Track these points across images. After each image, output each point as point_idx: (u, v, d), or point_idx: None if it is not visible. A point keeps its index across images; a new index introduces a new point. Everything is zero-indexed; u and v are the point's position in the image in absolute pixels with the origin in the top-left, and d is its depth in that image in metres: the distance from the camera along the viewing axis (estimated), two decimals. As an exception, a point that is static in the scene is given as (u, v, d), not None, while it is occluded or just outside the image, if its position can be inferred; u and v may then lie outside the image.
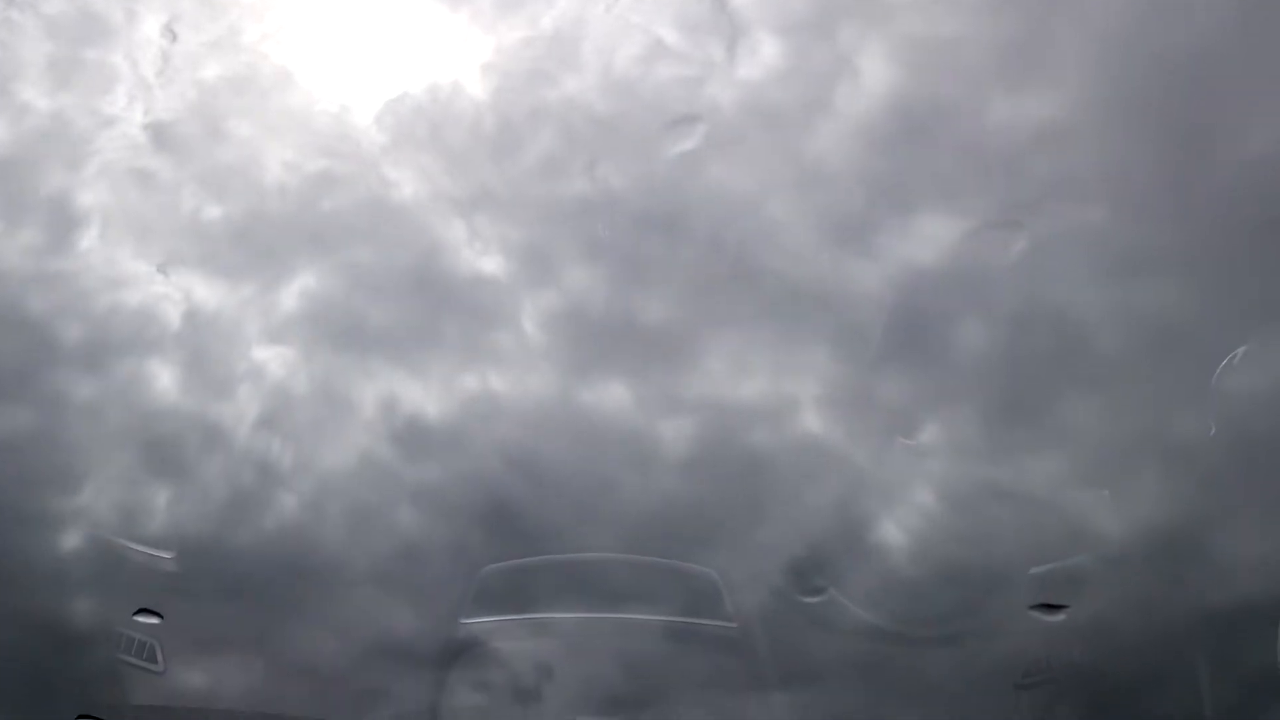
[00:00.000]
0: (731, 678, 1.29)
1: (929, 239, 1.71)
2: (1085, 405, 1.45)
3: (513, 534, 1.75)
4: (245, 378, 1.72)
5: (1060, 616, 1.16)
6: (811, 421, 1.78)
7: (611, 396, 1.89)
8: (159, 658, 1.35)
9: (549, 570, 1.50)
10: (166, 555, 1.46)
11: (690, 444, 1.88)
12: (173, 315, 1.79)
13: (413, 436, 1.78)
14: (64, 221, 1.79)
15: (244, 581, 1.55)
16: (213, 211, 1.87)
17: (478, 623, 1.33)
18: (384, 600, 1.71)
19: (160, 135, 1.89)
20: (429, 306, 1.87)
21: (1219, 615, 1.14)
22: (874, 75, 1.77)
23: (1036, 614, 1.16)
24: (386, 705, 1.33)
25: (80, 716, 1.10)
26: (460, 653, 1.49)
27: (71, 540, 1.57)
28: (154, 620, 1.28)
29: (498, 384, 1.85)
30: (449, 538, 1.81)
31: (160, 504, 1.68)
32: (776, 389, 1.83)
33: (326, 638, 1.55)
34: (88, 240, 1.77)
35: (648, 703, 1.32)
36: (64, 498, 1.61)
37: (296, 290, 1.82)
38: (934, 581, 1.35)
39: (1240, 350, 1.22)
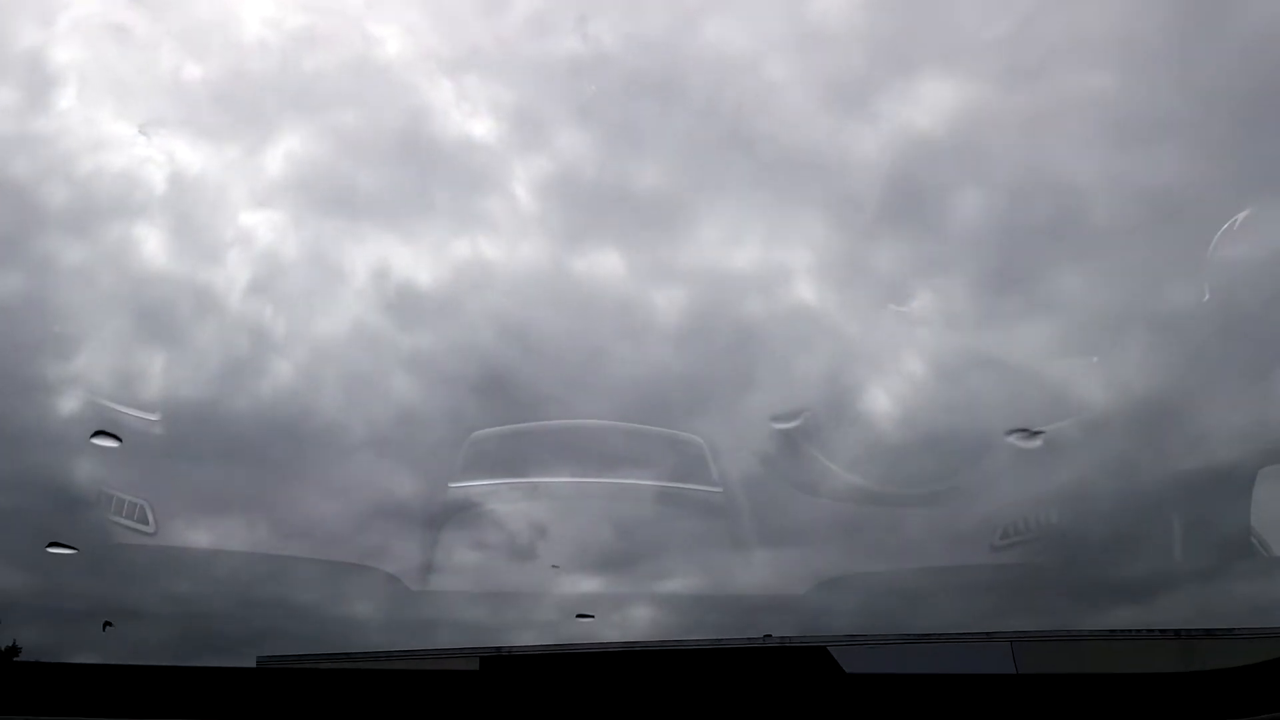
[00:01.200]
0: (717, 538, 1.32)
1: (930, 104, 1.67)
2: (1078, 275, 1.43)
3: (507, 401, 1.76)
4: (234, 243, 1.70)
5: (1040, 481, 1.17)
6: (804, 290, 1.77)
7: (604, 265, 1.87)
8: (150, 519, 1.37)
9: (540, 436, 1.51)
10: (164, 419, 1.47)
11: (682, 313, 1.86)
12: (157, 179, 1.75)
13: (405, 304, 1.77)
14: (40, 80, 1.73)
15: (242, 445, 1.56)
16: (192, 71, 1.81)
17: (469, 486, 1.35)
18: (382, 464, 1.73)
19: (133, -14, 1.81)
20: (418, 171, 1.83)
21: (1193, 481, 1.16)
22: (879, -72, 1.69)
23: (1016, 478, 1.18)
24: (386, 563, 1.36)
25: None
26: (457, 514, 1.51)
27: (69, 404, 1.57)
28: (112, 443, 1.28)
29: (489, 251, 1.83)
30: (444, 404, 1.82)
31: (156, 369, 1.69)
32: (770, 257, 1.80)
33: (325, 499, 1.58)
34: (66, 100, 1.72)
35: (637, 560, 1.35)
36: (60, 363, 1.61)
37: (282, 153, 1.78)
38: (918, 447, 1.37)
39: (1240, 216, 1.19)
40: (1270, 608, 0.97)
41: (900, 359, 1.56)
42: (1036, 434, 1.22)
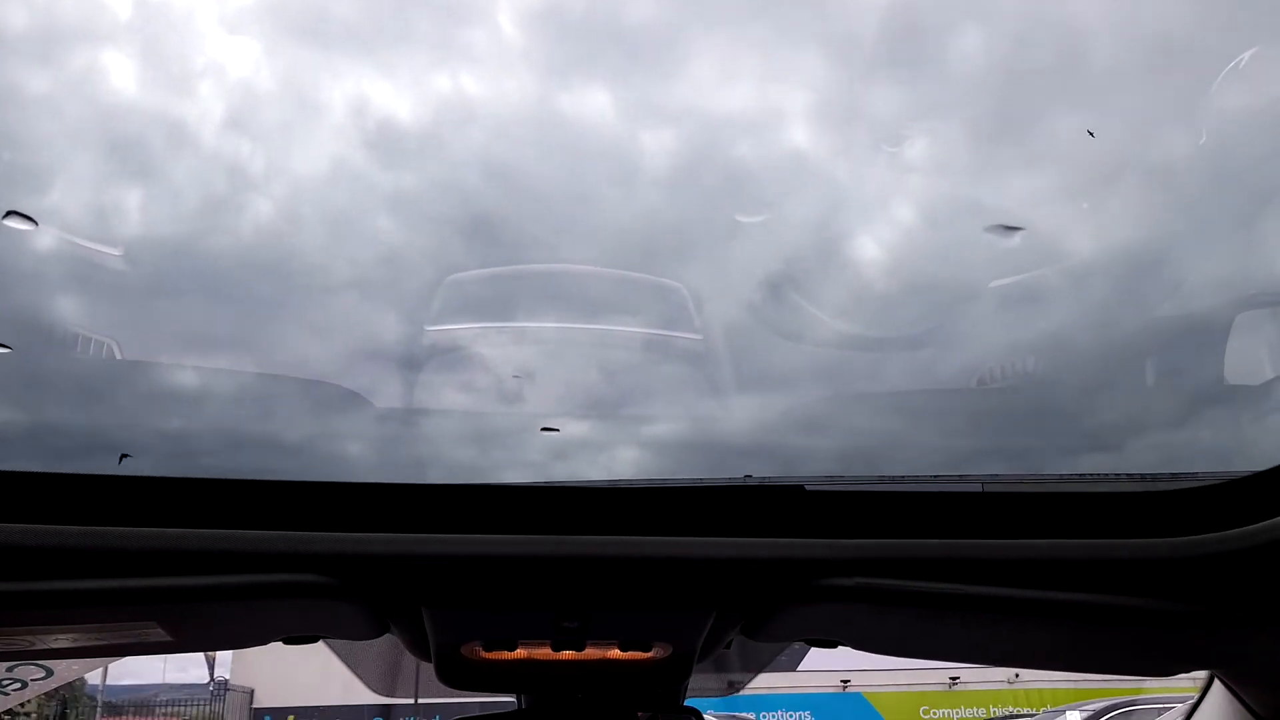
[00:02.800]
0: (700, 384, 1.34)
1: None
2: (1075, 121, 1.40)
3: (491, 244, 1.75)
4: (206, 74, 1.64)
5: (1019, 329, 1.18)
6: (797, 133, 1.73)
7: (592, 104, 1.82)
8: (118, 358, 1.38)
9: (517, 280, 1.51)
10: (141, 257, 1.46)
11: (672, 156, 1.83)
12: (122, 1, 1.68)
13: (385, 141, 1.73)
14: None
15: (224, 284, 1.56)
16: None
17: (446, 330, 1.35)
18: (366, 306, 1.73)
19: None
20: (396, -3, 1.75)
21: (1169, 330, 1.17)
22: None
23: (996, 326, 1.19)
24: (375, 405, 1.38)
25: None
26: (440, 356, 1.52)
27: (45, 241, 1.56)
28: (26, 226, 1.27)
29: (473, 87, 1.78)
30: (428, 246, 1.81)
31: (132, 205, 1.66)
32: (763, 97, 1.76)
33: (311, 341, 1.58)
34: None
35: (621, 405, 1.37)
36: (33, 197, 1.58)
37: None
38: (903, 295, 1.37)
39: (1245, 56, 1.16)
40: (1233, 455, 1.00)
41: (891, 206, 1.55)
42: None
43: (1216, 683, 1.72)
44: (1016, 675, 31.50)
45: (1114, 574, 1.01)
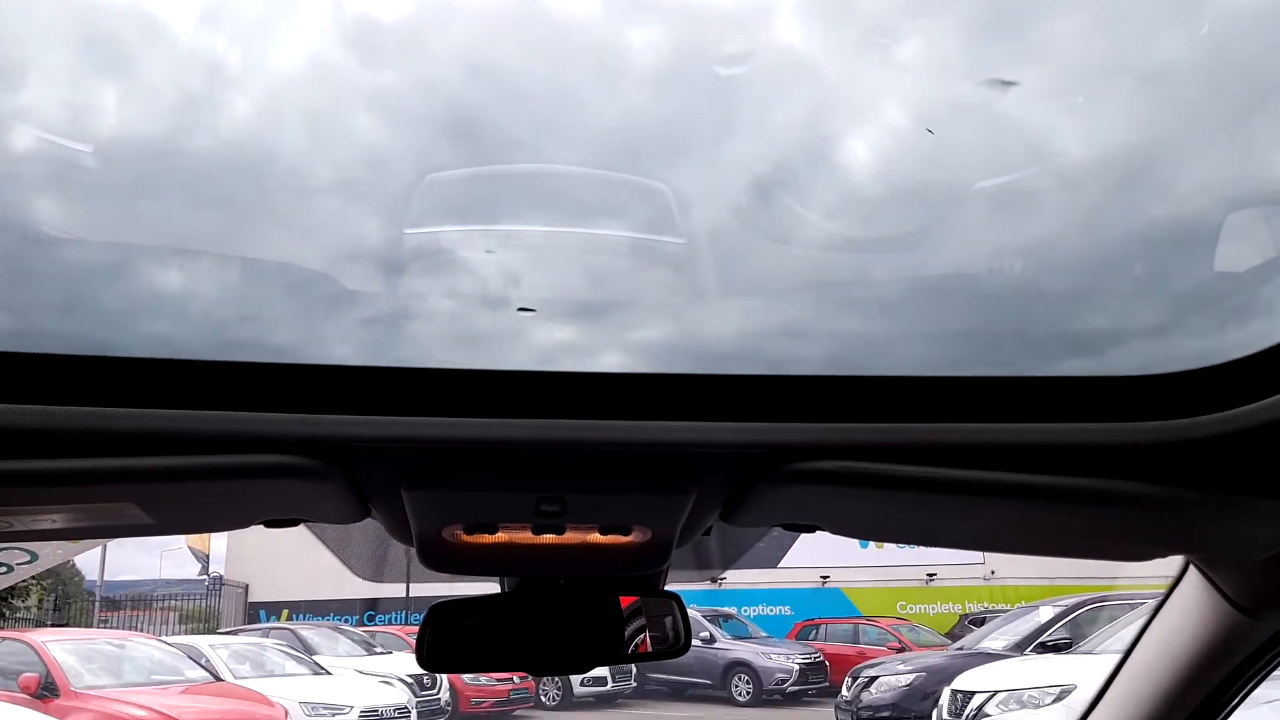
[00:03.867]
0: (685, 290, 1.33)
1: None
2: (1073, 20, 1.37)
3: (475, 146, 1.71)
4: (178, -35, 1.59)
5: (1007, 233, 1.18)
6: (788, 31, 1.69)
7: (577, -1, 1.77)
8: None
9: (498, 181, 1.48)
10: (120, 156, 1.43)
11: (660, 55, 1.79)
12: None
13: (365, 38, 1.68)
14: None
15: (205, 184, 1.53)
16: None
17: (426, 232, 1.34)
18: (349, 208, 1.71)
19: None
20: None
21: (1156, 234, 1.17)
22: None
23: (984, 230, 1.18)
24: (358, 308, 1.37)
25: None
26: (423, 260, 1.51)
27: (23, 140, 1.52)
28: None
29: (453, -21, 1.72)
30: (411, 147, 1.77)
31: (109, 103, 1.62)
32: (753, -8, 1.71)
33: (293, 242, 1.57)
34: None
35: (608, 310, 1.37)
36: (6, 95, 1.54)
37: None
38: (893, 198, 1.35)
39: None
40: (1211, 358, 1.00)
41: (882, 108, 1.52)
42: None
43: (1191, 569, 1.78)
44: (992, 573, 32.36)
45: (1093, 458, 1.03)
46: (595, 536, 1.23)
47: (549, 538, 1.23)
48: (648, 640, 1.87)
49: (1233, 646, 1.84)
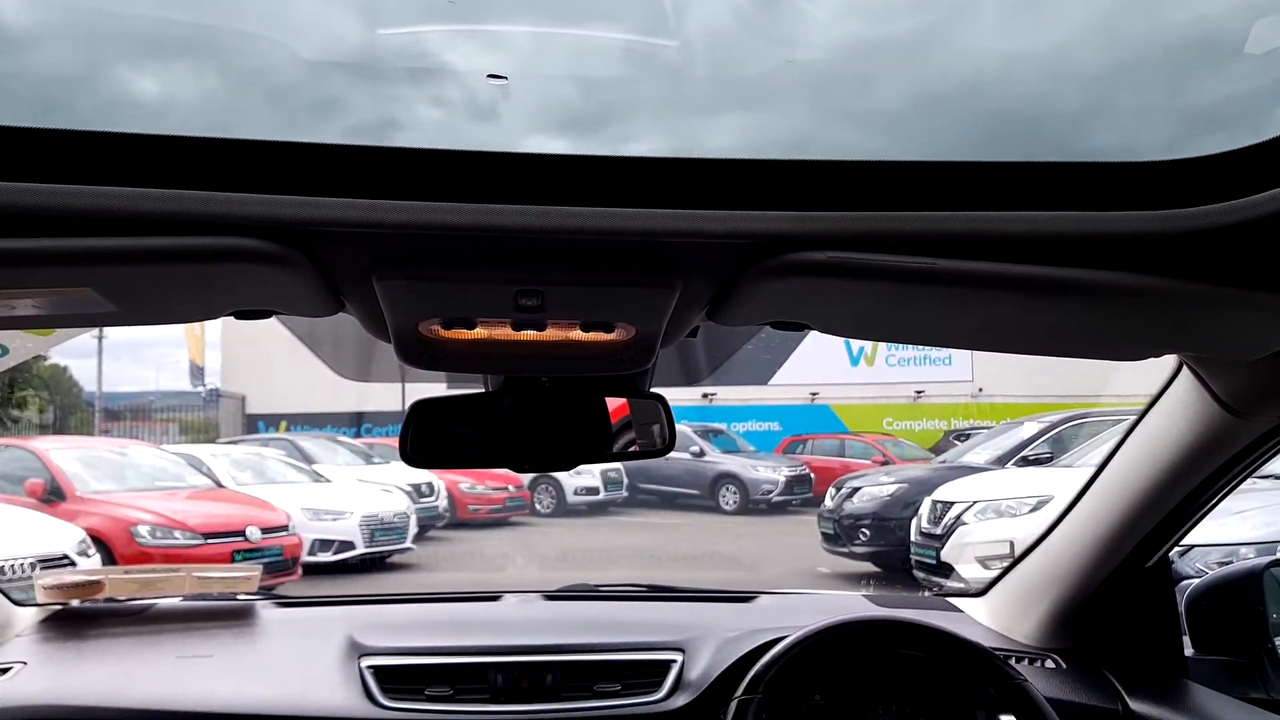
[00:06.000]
0: (681, 99, 1.27)
1: None
2: None
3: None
4: None
5: (1020, 40, 1.11)
6: None
7: None
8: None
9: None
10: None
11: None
12: None
13: None
14: None
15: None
16: None
17: (404, 33, 1.26)
18: (328, 9, 1.60)
19: None
20: None
21: (1176, 44, 1.10)
22: None
23: (996, 36, 1.11)
24: (340, 118, 1.30)
25: None
26: (409, 63, 1.43)
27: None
28: None
29: None
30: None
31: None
32: None
33: (271, 49, 1.48)
34: None
35: (603, 122, 1.31)
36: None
37: None
38: (900, 2, 1.27)
39: None
40: (1218, 145, 0.97)
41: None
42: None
43: (1184, 370, 1.80)
44: (980, 390, 33.06)
45: (1094, 249, 1.00)
46: (577, 334, 1.20)
47: (529, 334, 1.20)
48: (631, 441, 1.90)
49: (1219, 446, 1.89)
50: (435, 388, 1.86)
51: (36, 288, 1.04)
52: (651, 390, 1.85)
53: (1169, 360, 1.92)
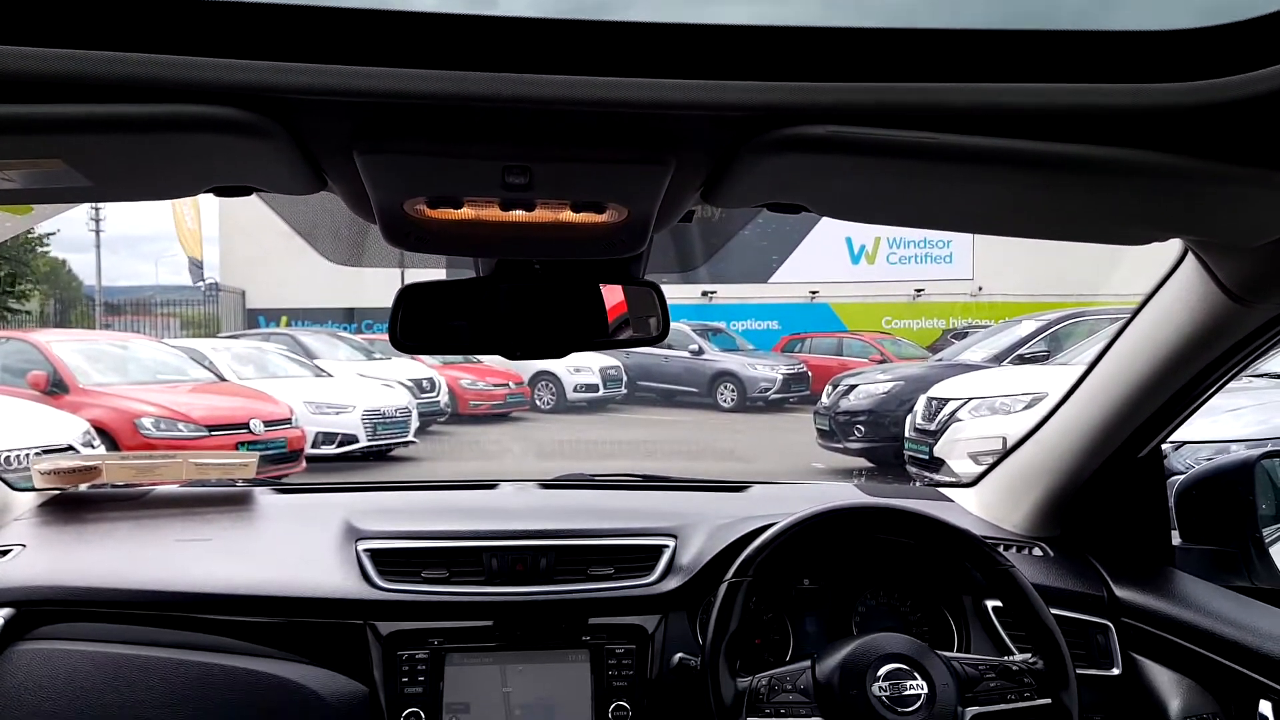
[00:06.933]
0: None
1: None
2: None
3: None
4: None
5: None
6: None
7: None
8: None
9: None
10: None
11: None
12: None
13: None
14: None
15: None
16: None
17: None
18: None
19: None
20: None
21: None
22: None
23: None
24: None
25: None
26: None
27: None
28: None
29: None
30: None
31: None
32: None
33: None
34: None
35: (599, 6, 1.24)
36: None
37: None
38: None
39: None
40: (1236, 12, 0.91)
41: None
42: None
43: (1189, 257, 1.78)
44: (980, 288, 33.05)
45: (1104, 122, 0.97)
46: (568, 215, 1.17)
47: (519, 215, 1.17)
48: (626, 328, 1.87)
49: (1221, 333, 1.88)
50: (434, 276, 1.83)
51: (5, 159, 1.00)
52: (646, 278, 1.83)
53: (1170, 256, 1.90)
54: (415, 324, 1.76)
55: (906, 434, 10.73)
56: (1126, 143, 0.97)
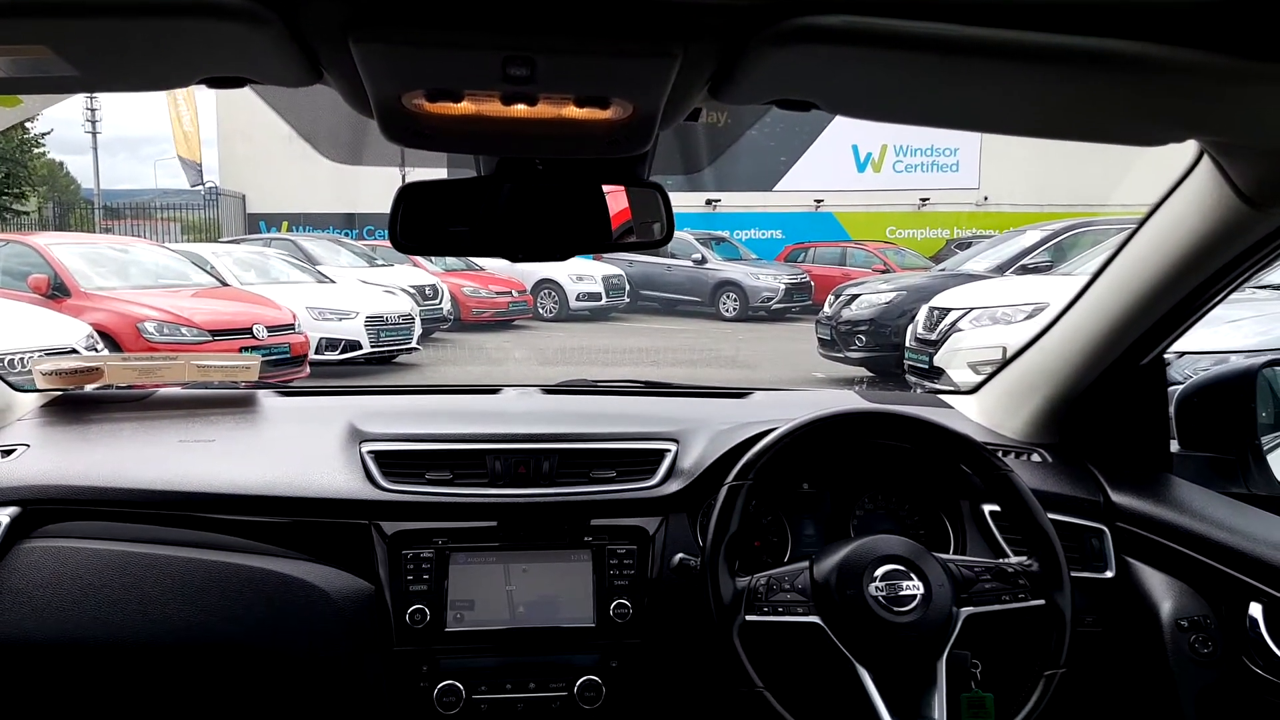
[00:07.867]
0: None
1: None
2: None
3: None
4: None
5: None
6: None
7: None
8: None
9: None
10: None
11: None
12: None
13: None
14: None
15: None
16: None
17: None
18: None
19: None
20: None
21: None
22: None
23: None
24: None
25: None
26: None
27: None
28: None
29: None
30: None
31: None
32: None
33: None
34: None
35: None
36: None
37: None
38: None
39: None
40: None
41: None
42: None
43: (1203, 160, 1.75)
44: (985, 198, 32.67)
45: (1127, 15, 0.94)
46: (571, 110, 1.13)
47: (520, 109, 1.13)
48: (629, 231, 1.85)
49: (1232, 238, 1.86)
50: (435, 176, 1.80)
51: None
52: (650, 179, 1.79)
53: (1179, 165, 1.87)
54: (415, 224, 1.73)
55: (907, 343, 10.73)
56: (1148, 36, 0.94)
